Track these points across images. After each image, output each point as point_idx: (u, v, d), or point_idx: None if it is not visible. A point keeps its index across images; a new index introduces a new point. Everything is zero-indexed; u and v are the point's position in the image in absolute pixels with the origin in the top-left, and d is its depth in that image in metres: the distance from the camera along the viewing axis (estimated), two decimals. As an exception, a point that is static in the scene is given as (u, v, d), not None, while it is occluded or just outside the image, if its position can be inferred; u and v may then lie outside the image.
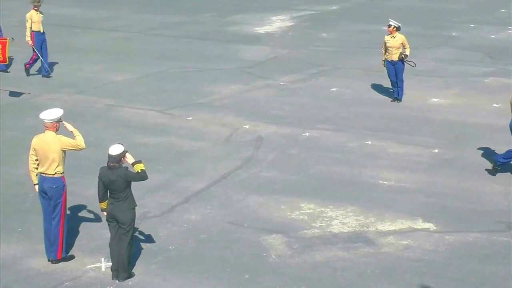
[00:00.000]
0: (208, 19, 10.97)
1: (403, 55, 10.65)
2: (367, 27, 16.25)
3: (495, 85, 11.72)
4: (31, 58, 12.17)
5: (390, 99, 10.90)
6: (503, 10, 17.40)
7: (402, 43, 10.62)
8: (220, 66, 12.66)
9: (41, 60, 11.98)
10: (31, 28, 11.88)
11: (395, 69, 10.69)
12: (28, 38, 11.86)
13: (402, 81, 10.82)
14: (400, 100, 10.83)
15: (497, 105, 10.68)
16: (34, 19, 11.86)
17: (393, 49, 10.60)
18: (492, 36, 14.98)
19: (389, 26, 10.66)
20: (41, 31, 11.96)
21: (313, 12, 18.06)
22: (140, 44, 14.89)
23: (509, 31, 15.41)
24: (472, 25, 16.08)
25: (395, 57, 10.64)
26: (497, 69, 12.57)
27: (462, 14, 17.26)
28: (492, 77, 12.18)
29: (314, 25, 16.59)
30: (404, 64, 10.71)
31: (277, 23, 17.10)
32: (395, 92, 10.87)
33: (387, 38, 10.70)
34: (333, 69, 12.80)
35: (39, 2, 11.94)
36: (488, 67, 12.77)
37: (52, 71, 12.38)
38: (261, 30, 16.25)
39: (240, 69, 12.93)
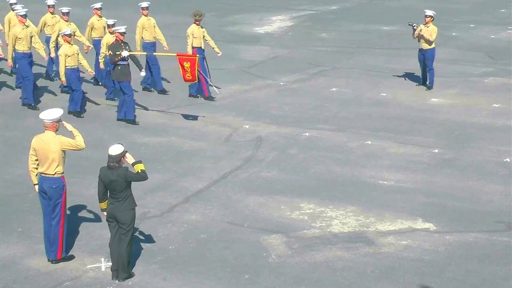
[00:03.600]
0: (208, 19, 10.98)
1: (416, 27, 11.10)
2: (367, 27, 16.25)
3: (495, 85, 11.72)
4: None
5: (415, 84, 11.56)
6: (503, 10, 17.41)
7: (431, 34, 11.10)
8: (220, 66, 12.66)
9: (205, 80, 10.52)
10: (192, 44, 10.70)
11: (424, 57, 11.19)
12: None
13: (431, 69, 11.29)
14: (430, 87, 11.30)
15: (497, 105, 10.68)
16: (195, 35, 10.73)
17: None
18: (492, 36, 14.99)
19: (426, 16, 11.17)
20: (201, 47, 10.81)
21: (313, 12, 18.07)
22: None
23: (509, 31, 15.41)
24: (472, 25, 16.08)
25: (424, 46, 11.11)
26: (497, 69, 12.58)
27: (462, 14, 17.27)
28: (492, 77, 12.18)
29: (314, 25, 16.59)
30: (433, 55, 11.19)
31: (277, 23, 17.10)
32: (422, 79, 11.47)
33: (422, 26, 11.16)
34: (333, 69, 12.81)
35: (200, 16, 10.83)
36: (488, 67, 12.77)
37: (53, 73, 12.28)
38: (261, 30, 16.26)
39: (240, 69, 12.94)
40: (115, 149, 5.94)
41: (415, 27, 11.19)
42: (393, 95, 11.32)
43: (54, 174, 6.20)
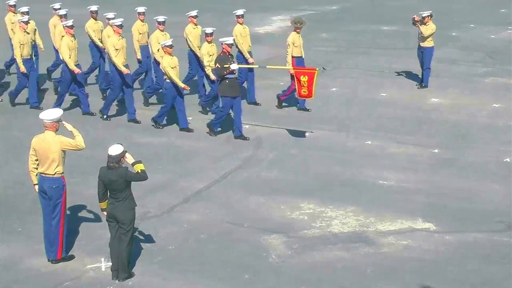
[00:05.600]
0: (208, 19, 10.97)
1: (416, 19, 11.15)
2: (367, 27, 16.25)
3: (495, 85, 11.73)
4: (290, 88, 10.25)
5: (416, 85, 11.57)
6: (503, 10, 17.41)
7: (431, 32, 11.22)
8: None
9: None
10: (292, 53, 10.10)
11: (422, 55, 11.28)
12: (289, 66, 10.02)
13: (428, 69, 11.31)
14: (424, 86, 11.32)
15: (497, 105, 10.68)
16: (296, 44, 10.17)
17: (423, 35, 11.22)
18: (492, 36, 14.99)
19: (424, 17, 11.25)
20: (302, 56, 10.27)
21: (313, 12, 18.07)
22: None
23: (509, 31, 15.41)
24: (472, 25, 16.08)
25: (422, 43, 11.20)
26: (497, 69, 12.58)
27: (462, 14, 17.27)
28: (492, 77, 12.18)
29: (314, 25, 16.59)
30: (431, 54, 11.24)
31: (277, 23, 17.11)
32: (421, 79, 11.50)
33: (422, 26, 11.26)
34: (333, 69, 12.80)
35: (301, 23, 10.28)
36: (488, 67, 12.77)
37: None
38: (261, 30, 16.26)
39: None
40: (115, 149, 5.94)
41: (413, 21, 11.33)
42: (393, 95, 11.32)
43: (54, 174, 6.20)
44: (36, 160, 6.25)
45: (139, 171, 5.94)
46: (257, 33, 15.88)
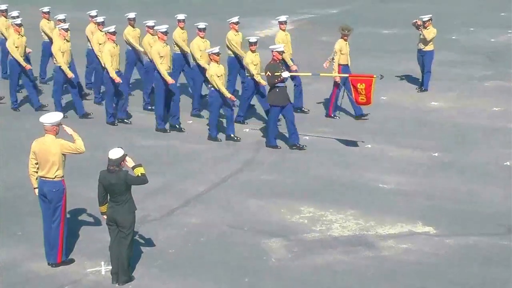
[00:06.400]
0: (208, 22, 10.98)
1: (418, 23, 11.20)
2: (367, 31, 16.26)
3: (495, 88, 11.73)
4: (332, 95, 10.10)
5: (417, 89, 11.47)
6: (503, 14, 17.42)
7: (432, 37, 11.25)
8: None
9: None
10: (338, 61, 9.87)
11: (423, 59, 11.33)
12: (335, 73, 9.83)
13: (428, 72, 11.33)
14: (425, 89, 11.33)
15: (496, 109, 10.70)
16: (343, 51, 9.95)
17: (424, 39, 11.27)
18: (492, 40, 15.00)
19: (424, 21, 11.25)
20: (348, 64, 10.02)
21: (313, 15, 18.08)
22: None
23: (509, 35, 15.43)
24: (472, 29, 16.10)
25: (422, 47, 11.26)
26: (497, 72, 12.59)
27: (462, 18, 17.29)
28: (491, 80, 12.19)
29: (314, 29, 16.62)
30: (431, 57, 11.29)
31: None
32: (421, 82, 11.51)
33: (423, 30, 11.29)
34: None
35: (349, 30, 10.00)
36: (487, 70, 12.78)
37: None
38: (261, 33, 16.27)
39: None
40: (115, 153, 5.95)
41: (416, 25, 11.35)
42: (393, 98, 11.33)
43: (54, 178, 6.21)
44: (36, 163, 6.26)
45: (139, 174, 5.95)
46: (258, 36, 15.86)
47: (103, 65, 9.91)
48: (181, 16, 10.79)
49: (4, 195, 7.83)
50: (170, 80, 9.56)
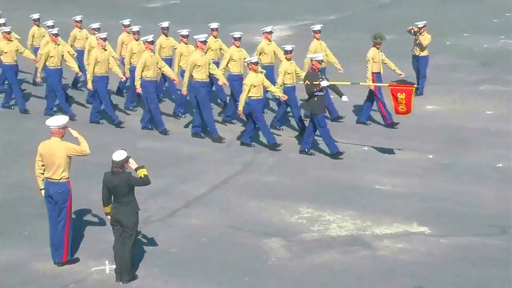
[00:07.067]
0: (207, 28, 11.15)
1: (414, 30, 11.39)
2: (364, 36, 16.43)
3: (489, 92, 11.91)
4: (380, 106, 9.91)
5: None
6: (495, 20, 17.65)
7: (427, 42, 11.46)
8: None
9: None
10: (371, 69, 9.77)
11: (418, 64, 11.53)
12: (369, 82, 9.68)
13: (424, 77, 11.51)
14: (420, 94, 11.43)
15: (490, 112, 10.87)
16: (375, 59, 9.86)
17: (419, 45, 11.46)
18: (486, 45, 15.21)
19: (420, 28, 11.42)
20: (380, 72, 9.89)
21: (312, 21, 18.23)
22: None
23: (502, 40, 15.65)
24: (466, 34, 16.30)
25: (418, 52, 11.49)
26: (490, 76, 12.77)
27: (456, 24, 17.50)
28: (485, 84, 12.37)
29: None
30: (427, 62, 11.52)
31: (277, 32, 17.27)
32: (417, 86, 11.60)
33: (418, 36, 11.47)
34: (331, 77, 12.97)
35: (382, 39, 9.89)
36: (481, 75, 12.96)
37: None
38: (261, 39, 16.44)
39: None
40: (119, 155, 6.08)
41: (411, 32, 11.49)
42: (389, 103, 11.49)
43: (59, 179, 6.34)
44: (43, 165, 6.40)
45: (142, 176, 6.07)
46: (257, 42, 16.01)
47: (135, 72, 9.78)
48: (214, 25, 10.77)
49: (10, 197, 7.94)
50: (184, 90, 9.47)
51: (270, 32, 10.49)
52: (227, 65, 10.12)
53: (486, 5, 19.40)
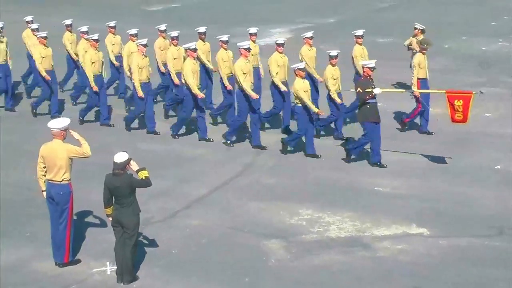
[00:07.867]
0: (208, 32, 11.20)
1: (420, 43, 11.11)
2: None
3: (487, 95, 11.93)
4: (415, 110, 9.84)
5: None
6: (493, 23, 17.74)
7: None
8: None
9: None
10: (417, 75, 9.59)
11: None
12: (414, 88, 9.55)
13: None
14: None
15: (488, 114, 10.93)
16: (422, 65, 9.64)
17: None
18: (483, 48, 15.29)
19: (416, 29, 11.22)
20: (427, 78, 9.75)
21: (311, 25, 18.29)
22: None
23: (500, 43, 15.74)
24: (464, 37, 16.38)
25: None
26: (488, 79, 12.84)
27: (454, 27, 17.59)
28: (483, 87, 12.42)
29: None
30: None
31: (276, 35, 17.37)
32: None
33: (412, 39, 11.35)
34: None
35: (428, 45, 9.72)
36: (479, 77, 13.03)
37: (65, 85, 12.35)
38: (261, 42, 16.50)
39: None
40: (120, 157, 6.12)
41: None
42: (388, 105, 11.53)
43: (61, 181, 6.38)
44: (44, 167, 6.44)
45: (143, 177, 6.11)
46: (257, 44, 16.09)
47: (184, 81, 9.59)
48: (253, 30, 10.73)
49: (13, 198, 7.98)
50: (254, 95, 9.36)
51: (311, 38, 10.35)
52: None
53: (484, 8, 19.50)
